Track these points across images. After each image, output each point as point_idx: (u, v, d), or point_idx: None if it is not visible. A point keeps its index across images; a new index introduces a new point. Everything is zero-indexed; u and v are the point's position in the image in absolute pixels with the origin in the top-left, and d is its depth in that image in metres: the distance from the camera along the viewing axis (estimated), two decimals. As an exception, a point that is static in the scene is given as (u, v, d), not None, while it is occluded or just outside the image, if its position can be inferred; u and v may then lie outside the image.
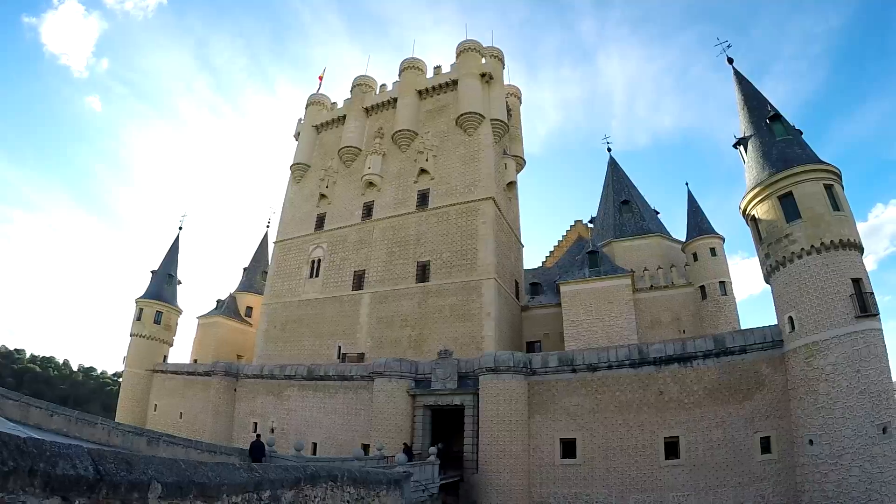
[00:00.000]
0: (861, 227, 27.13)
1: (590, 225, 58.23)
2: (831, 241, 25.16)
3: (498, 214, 44.46)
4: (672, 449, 27.49)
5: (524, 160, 55.80)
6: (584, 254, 44.11)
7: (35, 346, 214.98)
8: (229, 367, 44.93)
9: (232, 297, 63.53)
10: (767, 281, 28.39)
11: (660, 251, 47.70)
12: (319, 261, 49.75)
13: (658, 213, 55.95)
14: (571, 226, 69.58)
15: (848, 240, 25.33)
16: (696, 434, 27.15)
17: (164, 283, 58.52)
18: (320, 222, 51.92)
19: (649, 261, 46.21)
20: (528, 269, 53.73)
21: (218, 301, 63.97)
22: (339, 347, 44.26)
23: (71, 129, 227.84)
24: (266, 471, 8.22)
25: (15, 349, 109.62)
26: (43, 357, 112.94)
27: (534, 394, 30.81)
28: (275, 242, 54.95)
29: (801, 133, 29.80)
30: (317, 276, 49.24)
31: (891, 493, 22.05)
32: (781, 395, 26.07)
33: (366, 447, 32.05)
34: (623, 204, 52.37)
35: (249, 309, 63.18)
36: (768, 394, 26.46)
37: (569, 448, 29.32)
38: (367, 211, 49.41)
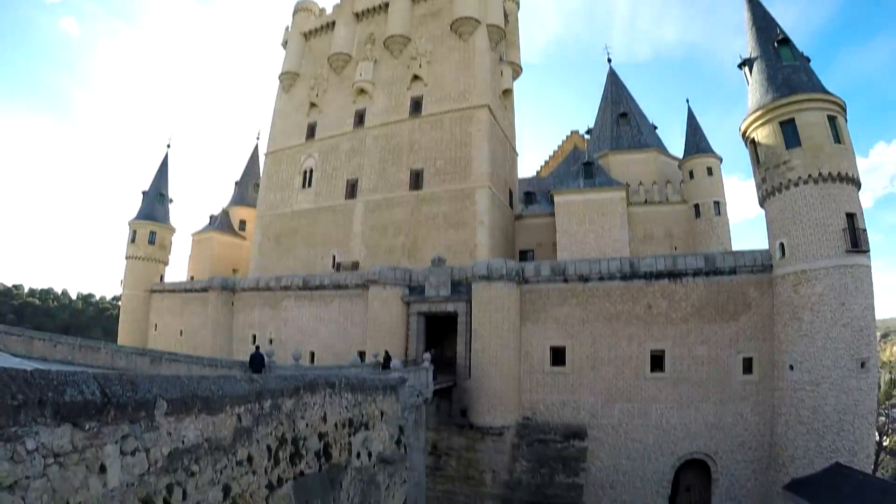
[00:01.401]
0: (861, 164, 26.83)
1: (586, 136, 57.45)
2: (829, 173, 24.86)
3: (493, 122, 43.53)
4: (658, 362, 28.48)
5: (521, 68, 53.95)
6: (579, 164, 43.63)
7: (33, 279, 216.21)
8: (225, 281, 45.24)
9: (225, 212, 62.98)
10: (762, 205, 28.27)
11: (656, 166, 47.27)
12: (311, 171, 49.08)
13: (656, 127, 55.03)
14: (567, 136, 68.33)
15: (846, 173, 25.04)
16: (682, 349, 28.06)
17: (155, 202, 57.79)
18: (311, 132, 50.76)
19: (645, 175, 45.87)
20: (523, 179, 53.30)
21: (211, 216, 63.38)
22: (334, 257, 44.57)
23: (49, 56, 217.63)
24: (266, 381, 8.54)
25: (13, 285, 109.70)
26: (41, 290, 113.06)
27: (525, 302, 31.38)
28: (266, 154, 53.90)
29: (809, 60, 28.73)
30: (309, 186, 48.76)
31: (863, 427, 23.15)
32: (766, 319, 26.72)
33: (362, 354, 33.01)
34: (621, 116, 51.25)
35: (243, 222, 62.82)
36: (754, 316, 27.12)
37: (558, 356, 30.26)
38: (359, 119, 48.18)
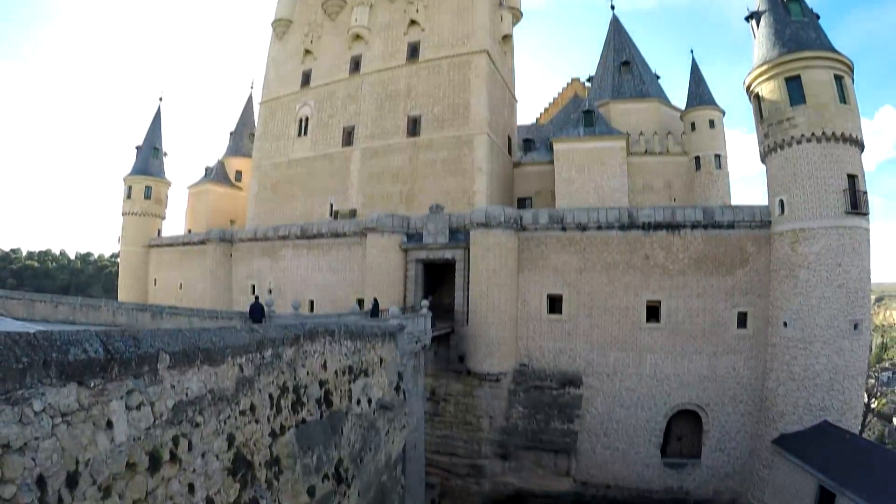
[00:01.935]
0: (866, 126, 26.56)
1: (587, 84, 56.38)
2: (832, 133, 24.63)
3: (492, 68, 42.60)
4: (653, 312, 28.92)
5: (521, 13, 52.39)
6: (579, 112, 43.06)
7: (31, 242, 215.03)
8: (223, 233, 45.18)
9: (220, 163, 62.18)
10: (763, 161, 28.11)
11: (657, 117, 46.71)
12: (307, 119, 48.27)
13: (659, 77, 54.07)
14: (568, 83, 67.07)
15: (850, 134, 24.81)
16: (678, 301, 28.42)
17: (149, 157, 57.19)
18: (306, 79, 49.63)
19: (646, 125, 45.36)
20: (522, 125, 52.56)
21: (207, 168, 62.68)
22: (332, 205, 44.37)
23: (34, 15, 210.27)
24: (267, 331, 8.63)
25: (11, 249, 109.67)
26: (40, 251, 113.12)
27: (523, 249, 31.52)
28: (260, 103, 52.80)
29: (818, 18, 28.00)
30: (305, 134, 48.05)
31: (852, 387, 23.70)
32: (763, 275, 26.97)
33: (361, 301, 33.27)
34: (623, 65, 50.27)
35: (239, 173, 62.05)
36: (750, 271, 27.38)
37: (555, 304, 30.66)
38: (355, 65, 47.06)
